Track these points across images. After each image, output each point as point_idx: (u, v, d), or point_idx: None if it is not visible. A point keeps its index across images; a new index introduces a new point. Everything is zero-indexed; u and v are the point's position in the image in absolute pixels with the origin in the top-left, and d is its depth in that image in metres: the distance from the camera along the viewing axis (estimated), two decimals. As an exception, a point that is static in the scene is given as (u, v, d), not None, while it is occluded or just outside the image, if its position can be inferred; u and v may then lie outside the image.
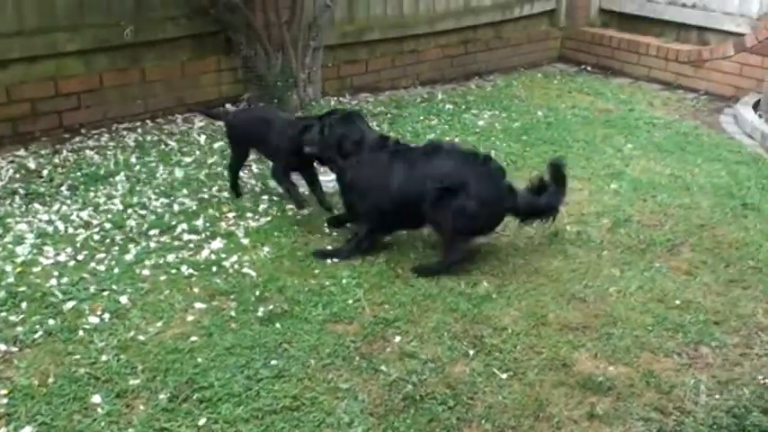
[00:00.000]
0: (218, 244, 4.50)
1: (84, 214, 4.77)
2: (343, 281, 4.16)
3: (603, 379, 3.44)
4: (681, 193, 5.40)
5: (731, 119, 7.17)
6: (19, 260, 4.22)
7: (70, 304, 3.85)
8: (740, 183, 5.60)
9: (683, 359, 3.63)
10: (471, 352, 3.60)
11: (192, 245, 4.49)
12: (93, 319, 3.74)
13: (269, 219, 4.86)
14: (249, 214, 4.90)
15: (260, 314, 3.83)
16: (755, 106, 7.12)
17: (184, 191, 5.16)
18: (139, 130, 6.24)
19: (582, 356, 3.61)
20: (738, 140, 6.58)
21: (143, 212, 4.83)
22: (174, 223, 4.69)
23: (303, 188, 4.93)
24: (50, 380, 3.33)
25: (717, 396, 3.39)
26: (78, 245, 4.43)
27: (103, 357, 3.47)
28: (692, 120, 7.14)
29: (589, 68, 8.90)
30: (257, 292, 4.01)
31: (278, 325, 3.75)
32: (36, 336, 3.61)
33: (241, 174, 5.50)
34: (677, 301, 4.07)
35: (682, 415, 3.27)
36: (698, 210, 5.15)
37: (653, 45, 8.49)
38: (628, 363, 3.58)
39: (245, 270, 4.23)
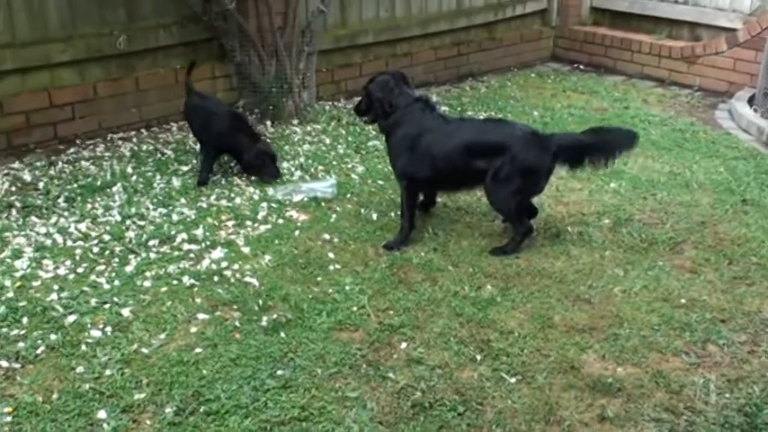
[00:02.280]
0: (218, 253, 4.45)
1: (83, 226, 4.72)
2: (347, 287, 4.12)
3: (613, 380, 3.41)
4: (680, 191, 5.38)
5: (726, 114, 7.17)
6: (18, 274, 4.17)
7: (71, 318, 3.80)
8: (739, 178, 5.58)
9: (691, 358, 3.60)
10: (479, 357, 3.57)
11: (192, 255, 4.44)
12: (96, 333, 3.70)
13: (269, 226, 4.82)
14: (248, 222, 4.86)
15: (264, 323, 3.79)
16: (750, 101, 7.12)
17: (182, 200, 5.12)
18: (135, 140, 6.19)
19: (590, 358, 3.59)
20: (735, 136, 6.57)
21: (142, 223, 4.78)
22: (173, 233, 4.65)
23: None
24: (54, 396, 3.28)
25: (727, 395, 3.37)
26: (77, 257, 4.38)
27: (107, 372, 3.43)
28: (688, 116, 7.13)
29: (582, 67, 8.89)
30: (260, 302, 3.97)
31: (282, 334, 3.71)
32: (38, 351, 3.55)
33: (239, 180, 5.48)
34: (682, 300, 4.06)
35: (693, 415, 3.24)
36: (698, 207, 5.13)
37: (645, 42, 8.48)
38: (636, 363, 3.55)
39: (246, 279, 4.19)
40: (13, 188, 5.24)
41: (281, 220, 4.90)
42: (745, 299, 4.08)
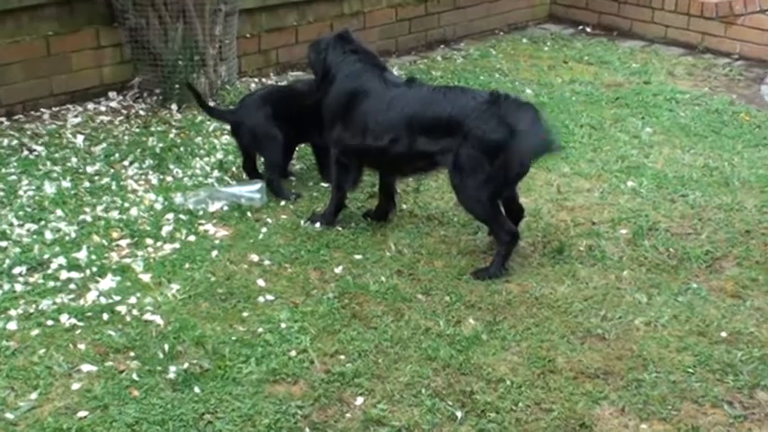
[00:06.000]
0: (108, 283, 4.44)
1: None
2: (282, 325, 4.13)
3: (635, 441, 3.48)
4: (719, 191, 5.51)
5: (776, 90, 7.36)
6: None
7: None
8: (794, 174, 5.74)
9: (735, 409, 3.67)
10: (459, 414, 3.60)
11: (73, 285, 4.42)
12: (-57, 394, 3.66)
13: (176, 246, 4.81)
14: (149, 241, 4.85)
15: (171, 376, 3.78)
16: (806, 73, 7.31)
17: (59, 212, 5.09)
18: (-8, 132, 6.15)
19: (605, 412, 3.64)
20: (787, 118, 6.75)
21: (3, 244, 4.75)
22: (46, 257, 4.62)
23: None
24: None
25: (783, 456, 3.45)
26: None
27: (-41, 446, 3.40)
28: (726, 93, 7.29)
29: (589, 29, 9.04)
30: (166, 347, 3.96)
31: (197, 389, 3.70)
32: None
33: (135, 185, 5.46)
34: (723, 334, 4.14)
35: (739, 484, 3.32)
36: (742, 211, 5.26)
37: (670, -3, 8.66)
38: (665, 417, 3.61)
39: (147, 317, 4.18)
40: None
41: (192, 237, 4.90)
42: (803, 330, 4.19)
